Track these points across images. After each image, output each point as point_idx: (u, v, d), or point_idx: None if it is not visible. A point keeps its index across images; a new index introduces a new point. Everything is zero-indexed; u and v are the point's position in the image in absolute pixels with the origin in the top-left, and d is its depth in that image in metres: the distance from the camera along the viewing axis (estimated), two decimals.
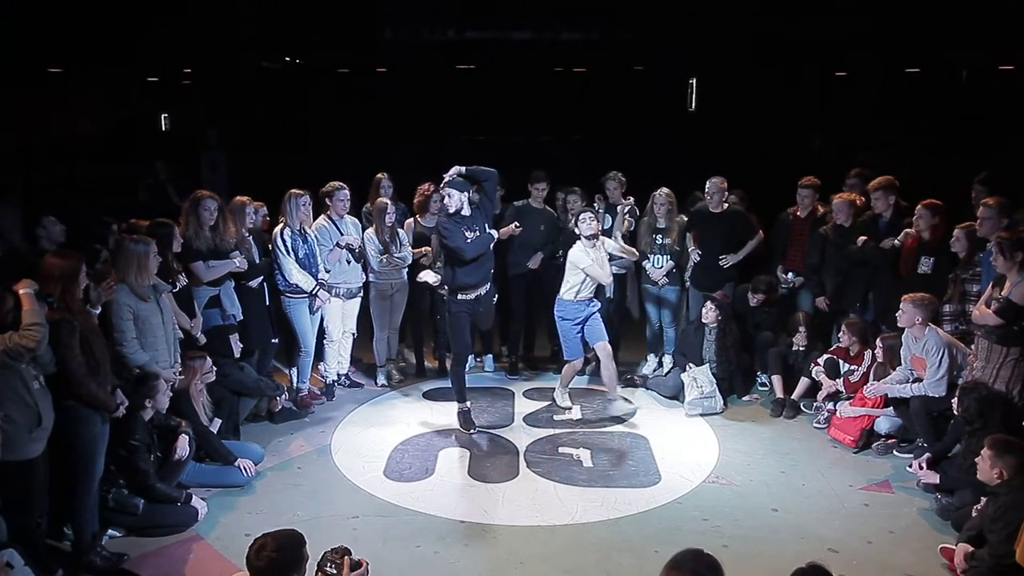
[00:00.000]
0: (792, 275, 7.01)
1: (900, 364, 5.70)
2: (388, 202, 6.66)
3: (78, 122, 17.06)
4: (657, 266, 6.94)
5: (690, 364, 6.59)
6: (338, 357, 6.74)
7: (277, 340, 6.41)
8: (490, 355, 7.43)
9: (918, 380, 5.50)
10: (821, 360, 6.28)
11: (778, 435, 6.06)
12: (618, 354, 6.65)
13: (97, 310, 4.52)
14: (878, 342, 5.94)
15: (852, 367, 6.15)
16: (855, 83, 17.05)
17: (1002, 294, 4.83)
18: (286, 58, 18.49)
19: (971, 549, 4.09)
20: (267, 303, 6.23)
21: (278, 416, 6.16)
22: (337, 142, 15.72)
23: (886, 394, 5.71)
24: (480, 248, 5.79)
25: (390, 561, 4.33)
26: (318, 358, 6.65)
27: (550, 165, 7.57)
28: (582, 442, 5.90)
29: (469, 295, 5.89)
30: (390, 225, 6.64)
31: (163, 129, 17.02)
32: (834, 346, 6.38)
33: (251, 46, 16.29)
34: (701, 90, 16.86)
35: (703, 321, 6.68)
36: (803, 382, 6.40)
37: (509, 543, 4.59)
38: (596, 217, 6.26)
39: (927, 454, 5.12)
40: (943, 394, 5.33)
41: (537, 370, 7.36)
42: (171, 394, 4.96)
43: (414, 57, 16.64)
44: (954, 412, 5.05)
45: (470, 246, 5.72)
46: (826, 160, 11.15)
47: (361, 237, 6.62)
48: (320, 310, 6.41)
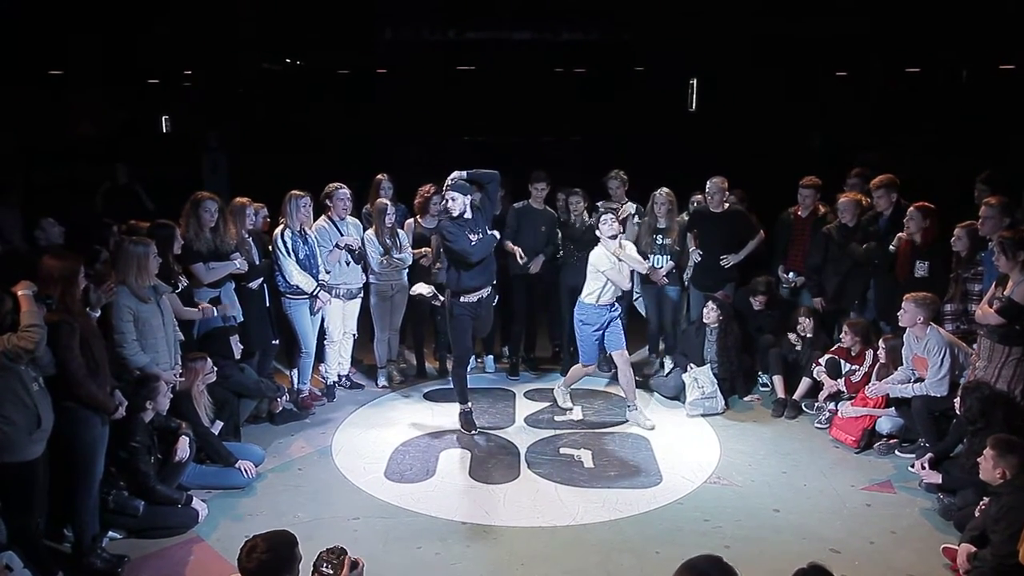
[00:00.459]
0: (793, 275, 7.00)
1: (902, 364, 5.69)
2: (388, 203, 6.66)
3: (79, 123, 17.08)
4: (657, 266, 6.93)
5: (691, 364, 6.58)
6: (339, 358, 6.73)
7: (278, 341, 6.41)
8: (491, 356, 7.42)
9: (920, 380, 5.49)
10: (823, 360, 6.27)
11: (779, 435, 6.05)
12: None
13: (97, 313, 4.52)
14: (880, 342, 5.93)
15: (854, 367, 6.14)
16: (855, 83, 17.04)
17: (1004, 293, 4.82)
18: (287, 59, 18.51)
19: (974, 549, 4.08)
20: (267, 304, 6.22)
21: (279, 417, 6.15)
22: (337, 143, 15.72)
23: (888, 394, 5.70)
24: (486, 250, 5.79)
25: (391, 562, 4.33)
26: (319, 359, 6.64)
27: (550, 166, 7.56)
28: (583, 443, 5.89)
29: (471, 298, 5.87)
30: (390, 226, 6.64)
31: (164, 131, 17.05)
32: (835, 346, 6.36)
33: (252, 48, 16.31)
34: (701, 90, 16.85)
35: (704, 321, 6.67)
36: (804, 382, 6.38)
37: (510, 544, 4.58)
38: (617, 218, 6.19)
39: (929, 454, 5.10)
40: (945, 394, 5.32)
41: (538, 371, 7.35)
42: (171, 396, 4.95)
43: (414, 58, 16.64)
44: (956, 412, 5.05)
45: (476, 249, 5.70)
46: (826, 160, 11.14)
47: (361, 238, 6.61)
48: (320, 311, 6.40)
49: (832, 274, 6.64)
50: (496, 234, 6.02)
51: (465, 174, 5.76)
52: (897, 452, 5.65)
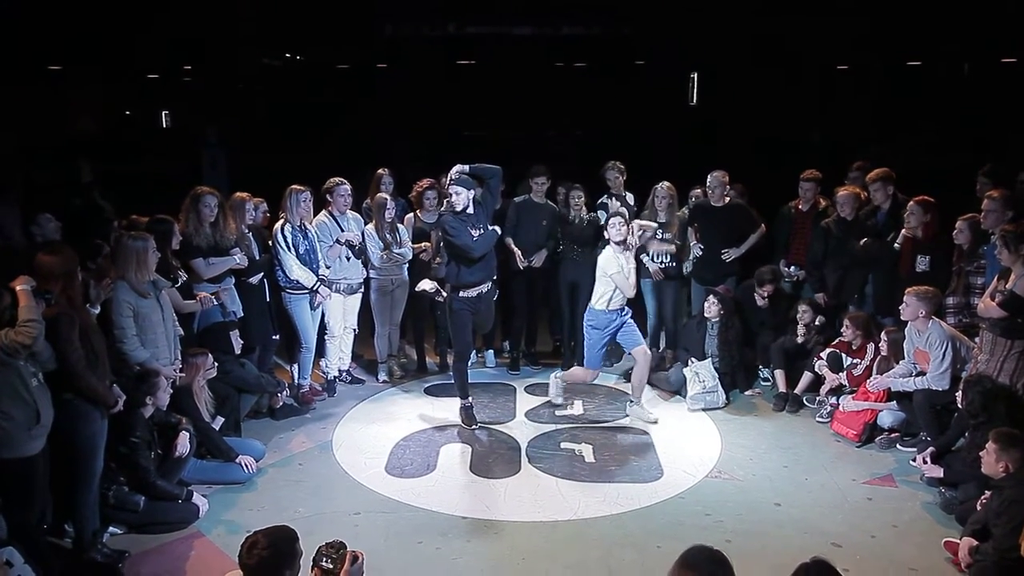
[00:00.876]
0: (795, 268, 6.99)
1: (904, 358, 5.68)
2: (387, 198, 6.65)
3: (78, 120, 17.06)
4: (657, 260, 6.91)
5: (692, 359, 6.57)
6: (339, 353, 6.72)
7: (278, 336, 6.41)
8: (491, 351, 7.42)
9: (921, 374, 5.48)
10: (824, 354, 6.26)
11: (781, 429, 6.04)
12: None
13: (96, 309, 4.51)
14: (882, 335, 5.92)
15: (855, 360, 6.13)
16: (856, 76, 16.99)
17: (1006, 287, 4.81)
18: (287, 55, 18.46)
19: (975, 543, 4.08)
20: (267, 299, 6.22)
21: (279, 412, 6.15)
22: (337, 138, 15.69)
23: (889, 388, 5.69)
24: (487, 245, 5.77)
25: (392, 557, 4.33)
26: (319, 354, 6.63)
27: (551, 160, 7.54)
28: (584, 437, 5.89)
29: (471, 292, 5.85)
30: (390, 221, 6.62)
31: (164, 126, 17.03)
32: (836, 340, 6.35)
33: (251, 43, 16.27)
34: (702, 84, 16.81)
35: (705, 315, 6.66)
36: (806, 376, 6.38)
37: (511, 539, 4.57)
38: (626, 220, 6.09)
39: (931, 448, 5.09)
40: (946, 387, 5.31)
41: (539, 365, 7.34)
42: (171, 391, 4.95)
43: (414, 53, 16.60)
44: (958, 406, 5.04)
45: (478, 244, 5.68)
46: (826, 154, 11.10)
47: (362, 233, 6.60)
48: (321, 306, 6.39)
49: (832, 268, 6.63)
50: (497, 229, 5.99)
51: (468, 168, 5.72)
52: (898, 446, 5.64)
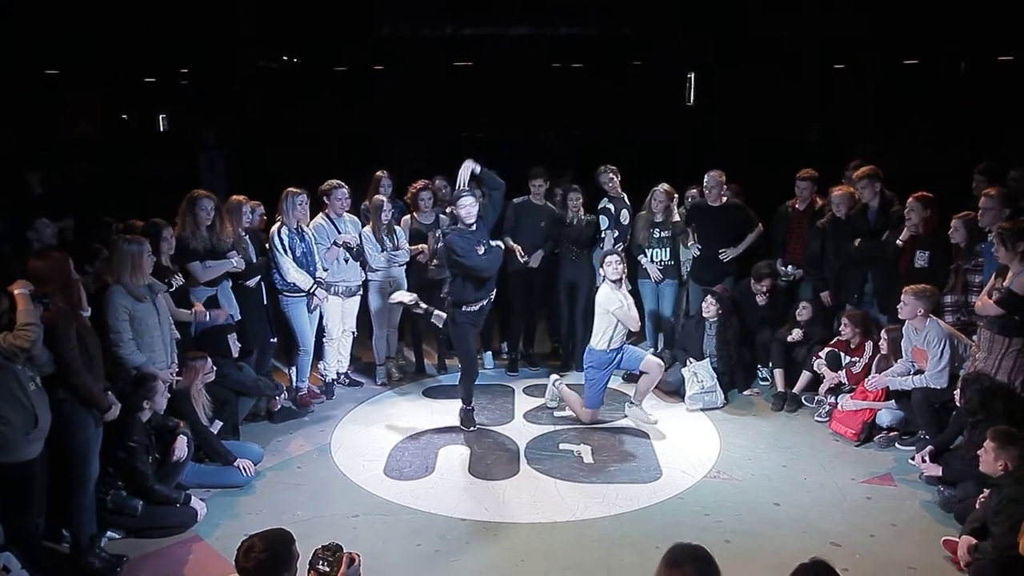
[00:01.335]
0: (792, 267, 6.98)
1: (902, 356, 5.67)
2: (384, 199, 6.64)
3: (76, 123, 17.05)
4: (655, 260, 6.91)
5: (690, 359, 6.57)
6: (337, 356, 6.72)
7: (276, 339, 6.40)
8: (489, 352, 7.41)
9: (919, 372, 5.48)
10: (823, 353, 6.25)
11: (779, 429, 6.04)
12: None
13: (87, 311, 4.49)
14: (882, 334, 5.92)
15: (854, 359, 6.13)
16: (853, 75, 16.99)
17: (1004, 284, 4.81)
18: (284, 57, 18.46)
19: (974, 541, 4.07)
20: (265, 302, 6.21)
21: (277, 416, 6.14)
22: (335, 140, 15.69)
23: (888, 387, 5.69)
24: (496, 263, 5.72)
25: (391, 560, 4.32)
26: (317, 357, 6.63)
27: (549, 161, 7.53)
28: (583, 439, 5.88)
29: (474, 307, 5.79)
30: (387, 223, 6.62)
31: (161, 129, 17.03)
32: (835, 339, 6.34)
33: (249, 45, 16.27)
34: (699, 84, 16.83)
35: (704, 315, 6.66)
36: (804, 375, 6.37)
37: (510, 540, 4.57)
38: (622, 259, 6.00)
39: (929, 447, 5.09)
40: (944, 386, 5.31)
41: (537, 367, 7.33)
42: (169, 395, 4.94)
43: (412, 54, 16.61)
44: (956, 404, 5.03)
45: (487, 263, 5.62)
46: (824, 153, 11.10)
47: (359, 235, 6.59)
48: (318, 309, 6.39)
49: (829, 268, 6.62)
50: (501, 245, 5.99)
51: (479, 169, 5.59)
52: (897, 445, 5.64)
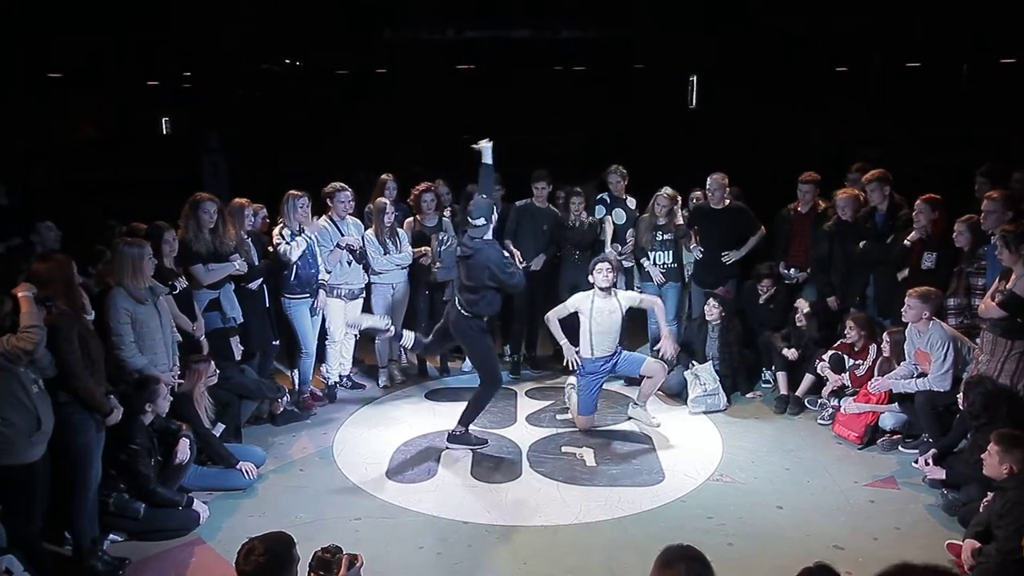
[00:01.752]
0: (794, 271, 6.97)
1: (905, 359, 5.66)
2: (387, 202, 6.64)
3: (79, 127, 17.09)
4: (658, 263, 6.90)
5: (693, 361, 6.56)
6: (340, 358, 6.71)
7: (278, 342, 6.40)
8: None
9: (923, 375, 5.46)
10: (826, 356, 6.24)
11: (782, 432, 6.03)
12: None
13: (91, 315, 4.50)
14: (885, 336, 5.90)
15: (857, 361, 6.12)
16: (856, 78, 16.99)
17: (1007, 287, 4.80)
18: (286, 60, 18.50)
19: (978, 545, 4.06)
20: (267, 305, 6.21)
21: (280, 418, 6.14)
22: (337, 143, 15.71)
23: (891, 390, 5.68)
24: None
25: (393, 562, 4.32)
26: (320, 360, 6.63)
27: (551, 164, 7.54)
28: (585, 441, 5.87)
29: (488, 315, 5.69)
30: (389, 225, 6.62)
31: (164, 133, 17.07)
32: (838, 342, 6.33)
33: (251, 48, 16.30)
34: (701, 87, 16.84)
35: (707, 318, 6.65)
36: (807, 378, 6.36)
37: (513, 543, 4.56)
38: (613, 267, 5.95)
39: (933, 450, 5.08)
40: (948, 388, 5.29)
41: (540, 369, 7.33)
42: (171, 398, 4.94)
43: (414, 57, 16.63)
44: (959, 407, 5.02)
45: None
46: (825, 156, 11.10)
47: (361, 237, 6.59)
48: (321, 311, 6.39)
49: (836, 271, 6.61)
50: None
51: (490, 147, 5.40)
52: (900, 448, 5.63)
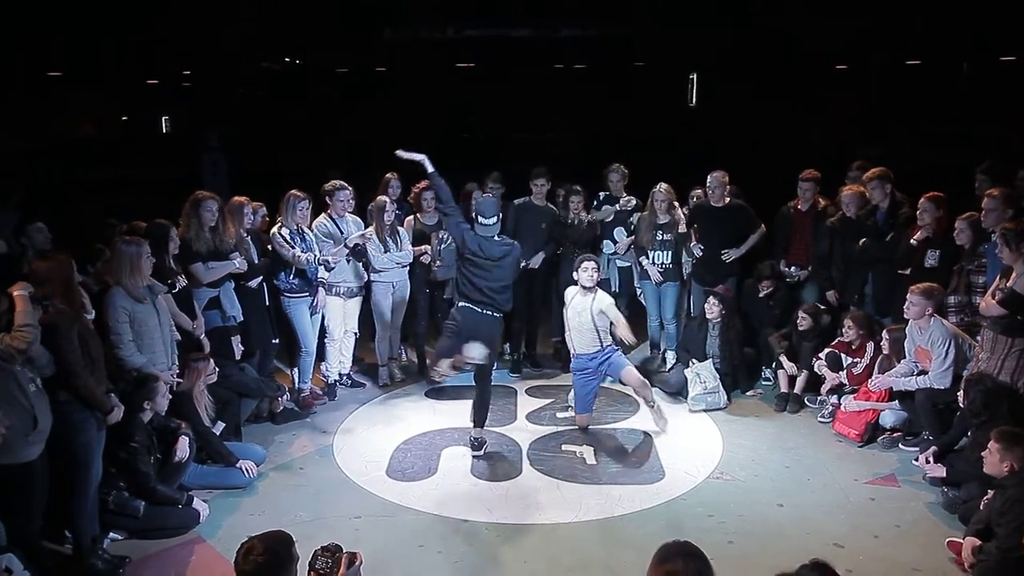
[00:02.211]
0: (795, 269, 6.96)
1: (905, 356, 5.66)
2: (387, 200, 6.64)
3: (80, 125, 17.09)
4: (657, 262, 6.90)
5: (693, 359, 6.55)
6: (340, 357, 6.71)
7: (277, 340, 6.39)
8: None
9: (923, 372, 5.46)
10: (823, 354, 6.24)
11: (782, 430, 6.03)
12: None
13: (91, 314, 4.49)
14: (884, 334, 5.90)
15: (855, 360, 6.11)
16: (856, 76, 16.98)
17: (1007, 285, 4.79)
18: (286, 59, 18.50)
19: (979, 543, 4.06)
20: (267, 304, 6.20)
21: (280, 417, 6.14)
22: (337, 142, 15.72)
23: (891, 387, 5.67)
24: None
25: (393, 560, 4.32)
26: (320, 358, 6.62)
27: (551, 162, 7.53)
28: (585, 439, 5.87)
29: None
30: (390, 224, 6.61)
31: (164, 131, 17.07)
32: (836, 340, 6.33)
33: (251, 47, 16.30)
34: (702, 85, 16.83)
35: (707, 317, 6.64)
36: (803, 375, 6.35)
37: (513, 541, 4.56)
38: (599, 268, 5.97)
39: (933, 447, 5.07)
40: (948, 386, 5.28)
41: (539, 367, 7.32)
42: (170, 396, 4.94)
43: (414, 56, 16.63)
44: (960, 404, 5.02)
45: None
46: (825, 154, 11.09)
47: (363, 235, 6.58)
48: (321, 310, 6.38)
49: (836, 267, 6.61)
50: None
51: (431, 168, 5.53)
52: (901, 446, 5.62)
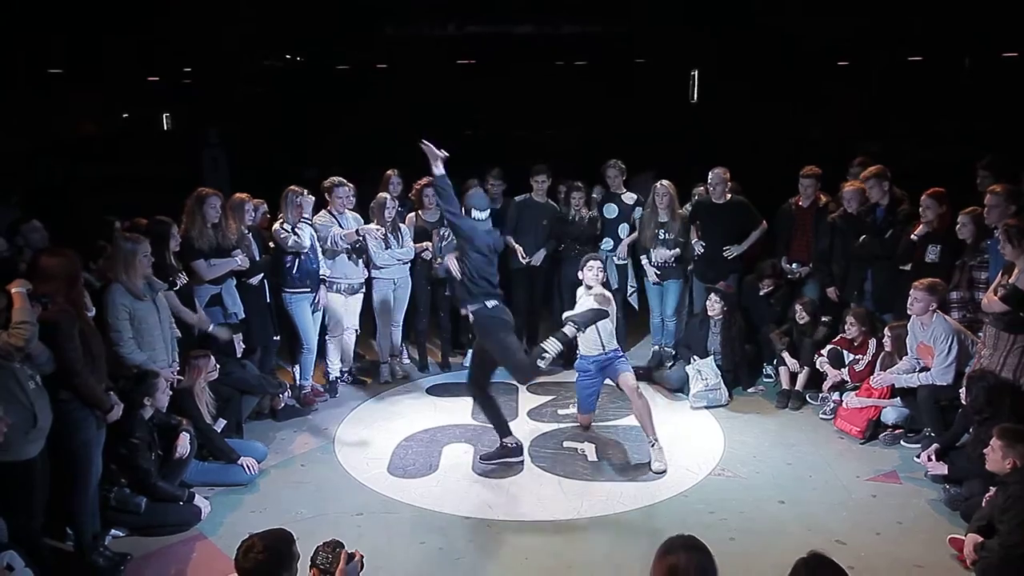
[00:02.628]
0: (796, 265, 6.95)
1: (907, 353, 5.65)
2: (387, 197, 6.63)
3: (80, 123, 17.06)
4: (659, 260, 6.89)
5: (694, 356, 6.54)
6: (341, 354, 6.71)
7: (279, 337, 6.40)
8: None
9: (925, 369, 5.45)
10: (824, 351, 6.23)
11: (784, 427, 6.02)
12: (622, 344, 6.54)
13: (92, 311, 4.49)
14: (886, 331, 5.89)
15: (857, 356, 6.11)
16: (857, 72, 16.93)
17: (1009, 281, 4.78)
18: (287, 56, 18.47)
19: (981, 539, 4.06)
20: (268, 300, 6.21)
21: (281, 414, 6.14)
22: (338, 139, 15.69)
23: (893, 384, 5.66)
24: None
25: (395, 558, 4.32)
26: (321, 355, 6.62)
27: (552, 158, 7.52)
28: (587, 436, 5.87)
29: None
30: (390, 220, 6.60)
31: (165, 128, 17.05)
32: (838, 336, 6.32)
33: (252, 45, 16.27)
34: (703, 82, 16.80)
35: (708, 314, 6.63)
36: (805, 372, 6.35)
37: (514, 538, 4.57)
38: (604, 267, 5.80)
39: (935, 444, 5.06)
40: (950, 382, 5.28)
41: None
42: (170, 393, 4.94)
43: (415, 53, 16.60)
44: (962, 401, 5.01)
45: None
46: (826, 151, 11.07)
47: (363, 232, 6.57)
48: (322, 307, 6.38)
49: (837, 263, 6.60)
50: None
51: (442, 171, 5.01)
52: (902, 442, 5.62)
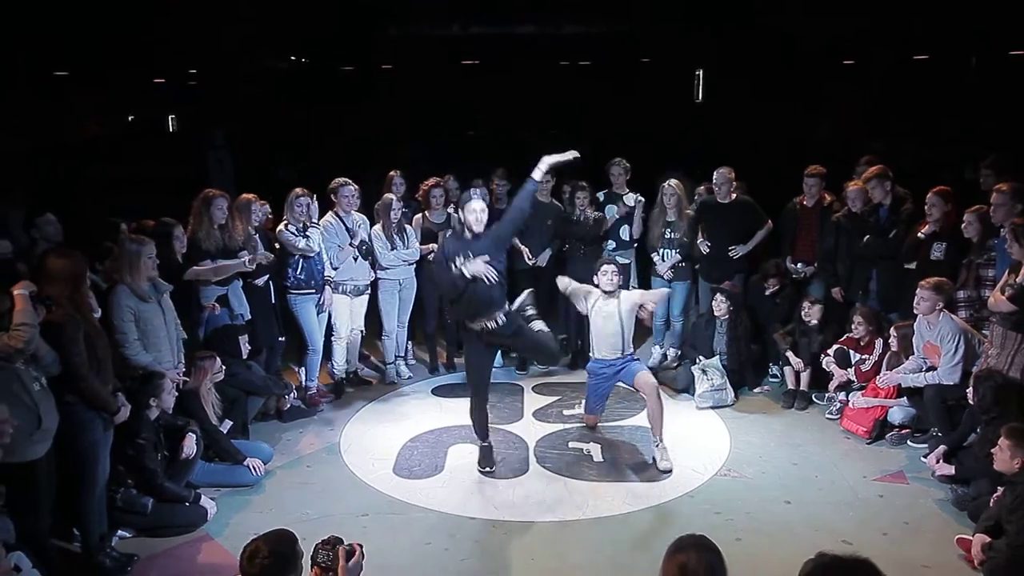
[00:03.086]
0: (801, 265, 6.93)
1: (913, 353, 5.63)
2: (393, 198, 6.64)
3: (85, 124, 17.10)
4: (665, 260, 6.88)
5: (700, 356, 6.53)
6: (346, 355, 6.71)
7: (284, 338, 6.40)
8: (499, 351, 7.35)
9: (931, 369, 5.43)
10: (831, 351, 6.22)
11: (790, 427, 6.01)
12: None
13: (98, 313, 4.50)
14: (892, 331, 5.87)
15: (863, 356, 6.09)
16: (862, 71, 16.90)
17: (1016, 280, 4.76)
18: (291, 57, 18.51)
19: (988, 540, 4.04)
20: (273, 301, 6.21)
21: (287, 415, 6.15)
22: (342, 140, 15.70)
23: (899, 384, 5.65)
24: (459, 282, 4.82)
25: (400, 558, 4.32)
26: (326, 356, 6.62)
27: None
28: (592, 437, 5.86)
29: (474, 325, 5.05)
30: (396, 221, 6.61)
31: (170, 130, 17.10)
32: (844, 336, 6.30)
33: (255, 46, 16.30)
34: (708, 81, 16.78)
35: (715, 314, 6.62)
36: (809, 371, 6.33)
37: (520, 539, 4.56)
38: (619, 270, 5.69)
39: (942, 447, 5.05)
40: (957, 382, 5.26)
41: (546, 364, 7.29)
42: (176, 394, 4.94)
43: (418, 54, 16.62)
44: (969, 401, 4.99)
45: (450, 280, 4.81)
46: (832, 150, 11.05)
47: (368, 234, 6.58)
48: (327, 308, 6.38)
49: (841, 263, 6.59)
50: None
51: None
52: (909, 442, 5.61)
